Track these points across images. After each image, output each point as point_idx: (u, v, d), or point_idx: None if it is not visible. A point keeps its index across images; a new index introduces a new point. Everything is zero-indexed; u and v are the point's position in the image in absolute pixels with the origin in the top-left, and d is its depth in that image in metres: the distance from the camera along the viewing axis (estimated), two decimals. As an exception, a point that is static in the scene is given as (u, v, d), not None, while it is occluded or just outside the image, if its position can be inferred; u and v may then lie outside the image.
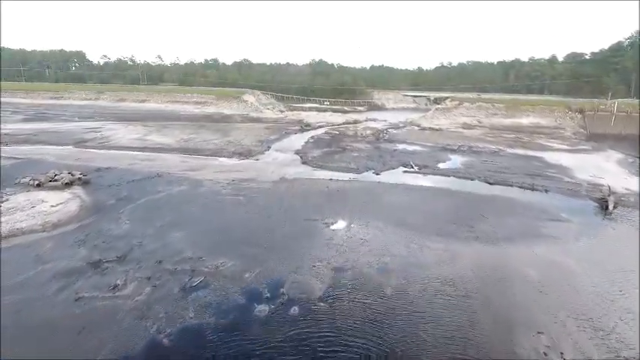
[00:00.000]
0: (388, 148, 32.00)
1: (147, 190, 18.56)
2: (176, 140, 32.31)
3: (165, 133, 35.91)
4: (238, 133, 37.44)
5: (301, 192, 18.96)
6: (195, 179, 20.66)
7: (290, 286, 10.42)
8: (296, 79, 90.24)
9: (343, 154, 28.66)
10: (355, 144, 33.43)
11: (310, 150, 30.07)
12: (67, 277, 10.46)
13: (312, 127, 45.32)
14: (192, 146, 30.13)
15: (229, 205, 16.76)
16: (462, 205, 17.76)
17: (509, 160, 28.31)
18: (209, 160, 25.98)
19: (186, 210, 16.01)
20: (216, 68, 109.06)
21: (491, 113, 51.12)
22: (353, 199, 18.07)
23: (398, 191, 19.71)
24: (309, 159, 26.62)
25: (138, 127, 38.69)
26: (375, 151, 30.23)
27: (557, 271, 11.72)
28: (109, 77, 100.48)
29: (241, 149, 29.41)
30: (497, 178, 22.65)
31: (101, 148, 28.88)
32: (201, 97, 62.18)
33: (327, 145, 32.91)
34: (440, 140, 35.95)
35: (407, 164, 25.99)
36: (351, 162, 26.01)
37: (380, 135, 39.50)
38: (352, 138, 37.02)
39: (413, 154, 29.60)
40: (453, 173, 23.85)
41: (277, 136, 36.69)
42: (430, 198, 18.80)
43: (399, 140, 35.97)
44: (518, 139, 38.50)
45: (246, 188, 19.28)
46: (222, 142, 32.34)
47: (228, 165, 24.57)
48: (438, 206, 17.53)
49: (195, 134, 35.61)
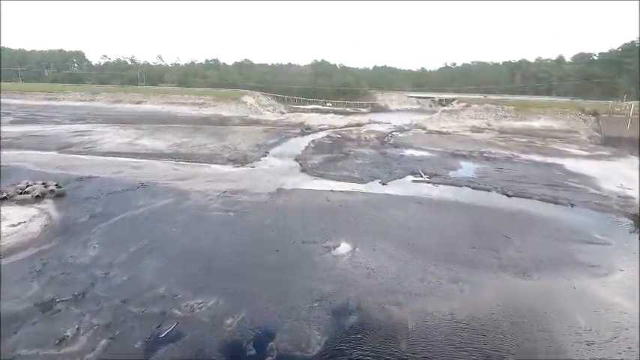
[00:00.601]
0: (394, 153, 29.94)
1: (127, 204, 16.59)
2: (168, 145, 30.37)
3: (157, 136, 33.98)
4: (235, 136, 35.48)
5: (299, 206, 16.95)
6: (183, 190, 18.68)
7: (281, 337, 8.41)
8: (297, 80, 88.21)
9: (346, 161, 26.63)
10: (359, 149, 31.40)
11: (310, 156, 28.06)
12: (6, 325, 8.48)
13: (313, 130, 43.34)
14: (185, 151, 28.17)
15: (216, 223, 14.76)
16: (480, 223, 15.70)
17: (525, 167, 26.21)
18: (201, 167, 24.01)
19: (166, 230, 14.02)
20: (217, 69, 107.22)
21: (501, 116, 48.97)
22: (357, 214, 16.05)
23: (407, 205, 17.66)
24: (309, 166, 24.60)
25: (130, 130, 36.81)
26: (380, 158, 28.18)
27: (605, 314, 9.66)
28: (107, 78, 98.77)
29: (237, 155, 27.43)
30: (515, 189, 20.57)
31: (87, 153, 26.96)
32: (199, 99, 60.29)
33: (328, 150, 30.89)
34: (449, 145, 33.86)
35: (415, 172, 23.95)
36: (354, 170, 23.98)
37: (385, 139, 37.45)
38: (355, 142, 34.98)
39: (421, 160, 27.53)
40: (467, 183, 21.79)
41: (276, 140, 34.70)
42: (444, 213, 16.74)
43: (406, 145, 33.91)
44: (531, 143, 36.37)
45: (238, 202, 17.29)
46: (217, 146, 30.37)
47: (221, 173, 22.58)
48: (454, 224, 15.48)
49: (190, 138, 33.67)
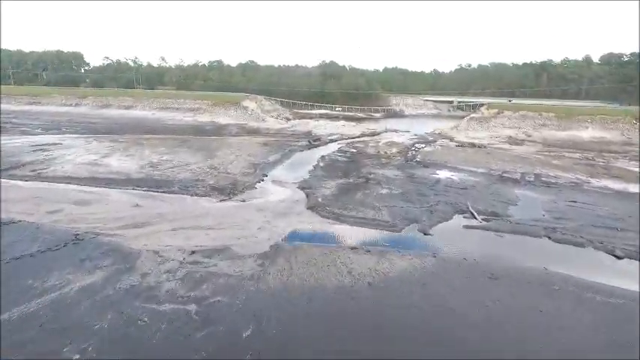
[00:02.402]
0: (426, 176, 23.49)
1: (26, 284, 10.34)
2: (141, 165, 24.25)
3: (133, 152, 27.90)
4: (228, 151, 29.29)
5: (306, 291, 10.57)
6: (130, 251, 12.41)
7: None
8: (304, 82, 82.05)
9: (367, 190, 20.23)
10: (380, 169, 24.98)
11: (320, 182, 21.73)
12: None
13: (322, 141, 37.08)
14: (160, 175, 22.02)
15: (161, 341, 8.43)
16: (618, 331, 9.16)
17: (606, 199, 19.61)
18: (173, 201, 17.79)
19: (62, 356, 7.75)
20: (220, 70, 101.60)
21: (540, 124, 42.22)
22: (400, 313, 9.64)
23: (476, 284, 11.16)
24: (319, 201, 18.24)
25: (104, 143, 30.84)
26: (409, 183, 21.76)
27: None
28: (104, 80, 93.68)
29: (224, 180, 21.22)
30: (620, 243, 14.01)
31: (33, 178, 20.93)
32: (195, 103, 54.29)
33: (342, 171, 24.53)
34: (491, 163, 27.28)
35: (463, 209, 17.50)
36: (381, 206, 17.58)
37: (409, 154, 31.02)
38: (375, 159, 28.58)
39: (464, 188, 21.04)
40: (542, 230, 15.27)
41: (277, 157, 28.44)
42: (539, 301, 10.22)
43: (437, 163, 27.40)
44: (590, 161, 29.65)
45: (209, 278, 10.97)
46: (202, 166, 24.20)
47: (197, 213, 16.32)
48: (577, 340, 8.93)
49: (172, 154, 27.55)
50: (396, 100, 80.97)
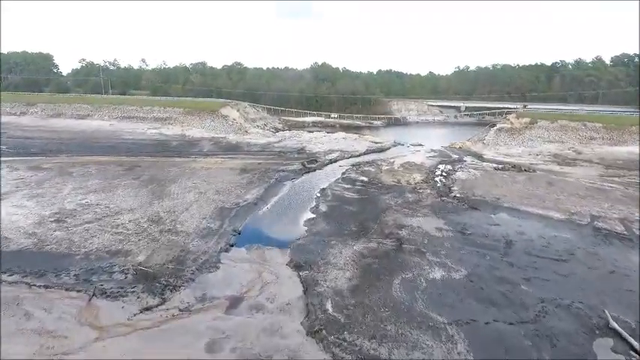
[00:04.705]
0: (485, 230, 15.28)
1: None
2: (43, 215, 15.52)
3: (46, 189, 19.09)
4: (189, 185, 20.66)
5: None
6: None
7: None
8: (295, 86, 73.57)
9: (405, 272, 11.85)
10: (412, 217, 16.63)
11: (324, 248, 13.31)
12: None
13: (319, 161, 28.69)
14: (60, 240, 13.36)
15: None
16: None
17: None
18: (37, 320, 9.18)
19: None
20: (202, 73, 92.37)
21: (586, 137, 34.39)
22: None
23: None
24: (328, 310, 9.78)
25: (14, 173, 21.93)
26: (467, 249, 13.49)
27: None
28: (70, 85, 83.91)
29: (165, 252, 12.69)
30: None
31: None
32: (164, 112, 45.31)
33: (356, 220, 16.13)
34: (563, 200, 19.15)
35: (594, 321, 9.27)
36: (444, 322, 9.26)
37: (437, 181, 22.89)
38: (396, 193, 20.22)
39: (557, 260, 12.89)
40: None
41: (259, 192, 19.95)
42: None
43: (486, 200, 19.17)
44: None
45: None
46: (139, 218, 15.57)
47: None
48: None
49: (105, 192, 18.85)
50: (398, 105, 72.86)
